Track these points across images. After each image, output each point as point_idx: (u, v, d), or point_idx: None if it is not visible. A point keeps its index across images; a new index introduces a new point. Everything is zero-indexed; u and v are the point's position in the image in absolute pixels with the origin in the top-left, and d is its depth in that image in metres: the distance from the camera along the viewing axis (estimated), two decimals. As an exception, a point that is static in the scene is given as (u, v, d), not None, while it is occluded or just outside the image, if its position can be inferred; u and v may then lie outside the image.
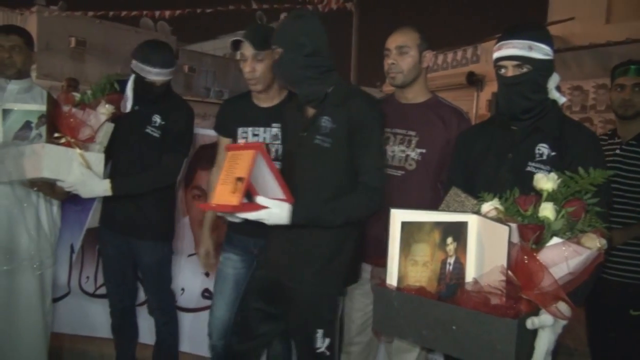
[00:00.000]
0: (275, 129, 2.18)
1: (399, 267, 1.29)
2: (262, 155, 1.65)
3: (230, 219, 1.76)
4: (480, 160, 1.74)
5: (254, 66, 2.08)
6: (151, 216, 2.39)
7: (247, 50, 2.08)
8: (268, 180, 1.69)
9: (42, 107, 2.18)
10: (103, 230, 2.55)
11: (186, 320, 2.84)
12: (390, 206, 1.61)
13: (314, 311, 1.83)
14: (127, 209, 2.37)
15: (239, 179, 1.61)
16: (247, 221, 1.72)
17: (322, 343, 1.81)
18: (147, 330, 2.70)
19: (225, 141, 2.28)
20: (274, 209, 1.65)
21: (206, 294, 2.86)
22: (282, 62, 1.81)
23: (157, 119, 2.38)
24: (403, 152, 2.05)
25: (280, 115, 2.14)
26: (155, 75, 2.30)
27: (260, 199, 1.64)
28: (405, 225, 1.28)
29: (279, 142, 2.18)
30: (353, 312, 2.19)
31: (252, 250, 2.23)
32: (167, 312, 2.60)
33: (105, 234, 2.54)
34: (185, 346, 2.82)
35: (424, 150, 2.03)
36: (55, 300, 3.03)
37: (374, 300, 1.35)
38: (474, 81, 12.56)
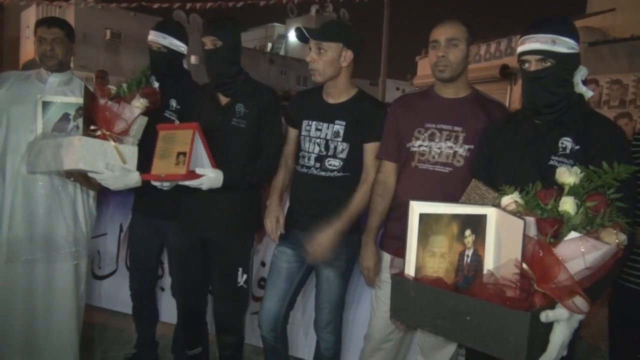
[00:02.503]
0: (337, 126, 2.18)
1: (416, 257, 1.31)
2: (199, 133, 2.05)
3: (161, 187, 2.12)
4: (502, 153, 1.74)
5: (314, 56, 2.13)
6: (181, 197, 2.39)
7: (311, 40, 2.14)
8: (200, 153, 2.08)
9: (80, 100, 2.24)
10: (133, 213, 2.67)
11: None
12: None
13: (235, 254, 2.34)
14: (156, 192, 2.35)
15: (182, 153, 2.02)
16: (302, 215, 2.23)
17: (241, 278, 2.33)
18: (172, 310, 2.76)
19: (293, 132, 2.32)
20: (211, 175, 2.08)
21: (262, 282, 2.88)
22: (219, 54, 2.22)
23: (173, 102, 2.47)
24: (450, 148, 2.00)
25: (345, 112, 2.18)
26: (151, 36, 2.47)
27: (199, 170, 2.06)
28: (423, 217, 1.30)
29: (339, 139, 2.17)
30: (382, 309, 2.18)
31: (304, 245, 2.24)
32: None
33: (135, 216, 2.66)
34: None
35: (472, 146, 1.97)
36: (103, 277, 3.25)
37: (392, 289, 1.37)
38: (508, 74, 12.30)
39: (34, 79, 2.45)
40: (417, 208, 1.30)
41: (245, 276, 2.34)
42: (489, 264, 1.23)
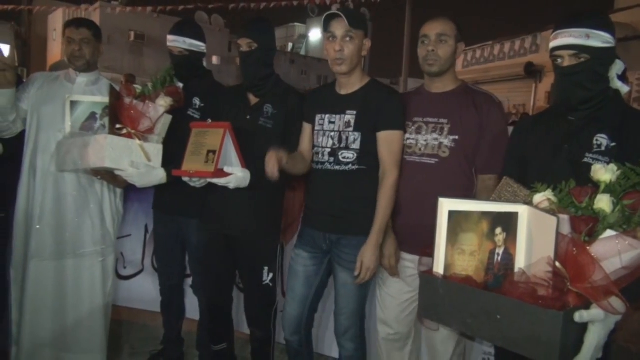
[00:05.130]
0: (348, 116, 2.13)
1: (445, 255, 1.29)
2: (230, 133, 2.07)
3: (191, 184, 2.14)
4: (534, 151, 1.70)
5: (343, 45, 2.08)
6: (201, 195, 2.36)
7: (339, 28, 2.08)
8: (230, 152, 2.11)
9: (106, 99, 2.27)
10: (154, 212, 2.70)
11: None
12: (427, 194, 1.84)
13: (259, 252, 2.33)
14: (175, 190, 2.39)
15: (212, 152, 2.04)
16: (317, 214, 2.19)
17: (267, 277, 2.33)
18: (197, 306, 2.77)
19: (307, 127, 2.27)
20: (239, 174, 2.06)
21: None
22: (254, 56, 2.24)
23: (196, 101, 2.50)
24: (436, 140, 2.06)
25: (357, 102, 2.14)
26: (169, 41, 2.49)
27: (227, 168, 2.05)
28: (452, 214, 1.28)
29: (350, 129, 2.12)
30: (388, 299, 2.21)
31: (321, 246, 2.20)
32: None
33: (156, 215, 2.68)
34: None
35: (456, 137, 2.03)
36: (130, 277, 3.30)
37: (420, 287, 1.35)
38: (533, 72, 12.12)
39: (63, 79, 2.50)
40: (447, 205, 1.27)
41: (271, 275, 2.34)
42: (520, 262, 1.20)
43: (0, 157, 2.45)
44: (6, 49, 2.39)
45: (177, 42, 2.48)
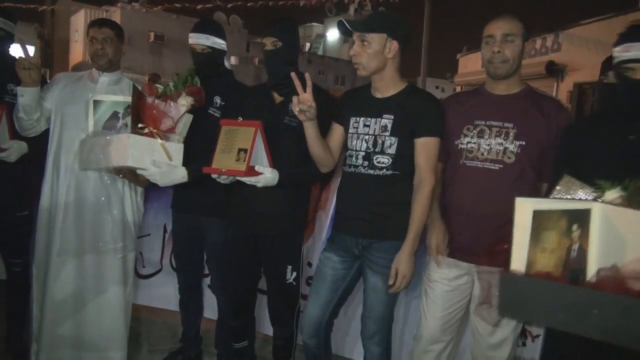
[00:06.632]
0: (385, 120, 2.09)
1: (528, 254, 1.33)
2: (260, 132, 2.07)
3: (219, 180, 2.14)
4: (592, 162, 1.71)
5: (357, 49, 2.07)
6: (219, 194, 2.37)
7: (354, 33, 2.07)
8: (260, 151, 2.10)
9: (129, 99, 2.26)
10: (173, 211, 2.68)
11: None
12: (489, 201, 1.91)
13: (284, 251, 2.34)
14: (193, 189, 2.39)
15: (243, 150, 2.04)
16: (349, 219, 2.16)
17: (290, 276, 2.34)
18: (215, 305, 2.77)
19: (338, 128, 2.23)
20: (268, 174, 2.08)
21: (310, 280, 2.80)
22: (278, 55, 2.25)
23: (217, 99, 2.48)
24: (500, 145, 1.96)
25: (394, 106, 2.09)
26: (192, 39, 2.48)
27: (258, 167, 2.06)
28: (536, 214, 1.32)
29: (387, 133, 2.08)
30: (432, 309, 2.14)
31: (353, 251, 2.17)
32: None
33: (175, 213, 2.67)
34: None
35: (523, 142, 1.93)
36: (149, 276, 3.31)
37: (500, 286, 1.36)
38: (554, 71, 11.87)
39: (86, 79, 2.54)
40: (529, 205, 1.32)
41: (294, 274, 2.34)
42: (592, 257, 1.22)
43: (24, 156, 2.50)
44: (31, 49, 2.42)
45: (200, 40, 2.46)
